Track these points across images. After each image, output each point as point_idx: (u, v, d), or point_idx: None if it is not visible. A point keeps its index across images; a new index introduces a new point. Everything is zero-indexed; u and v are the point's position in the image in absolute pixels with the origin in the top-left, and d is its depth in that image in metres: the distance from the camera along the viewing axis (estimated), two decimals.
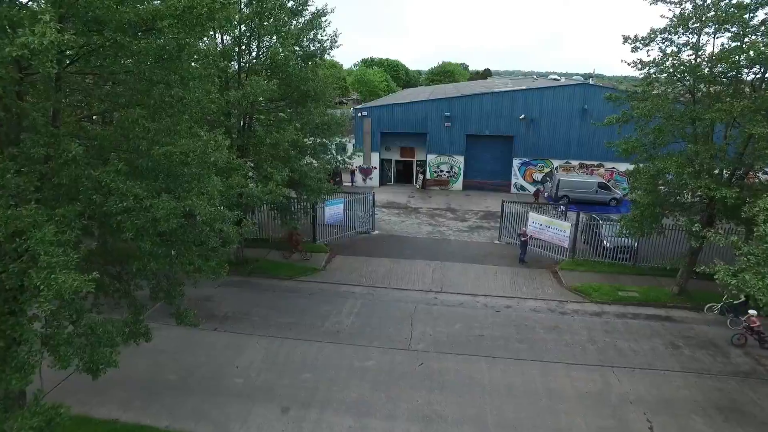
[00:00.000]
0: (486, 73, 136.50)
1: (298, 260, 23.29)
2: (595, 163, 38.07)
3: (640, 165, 20.22)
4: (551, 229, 24.70)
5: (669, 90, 19.15)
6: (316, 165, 20.67)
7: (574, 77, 73.50)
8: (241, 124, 19.04)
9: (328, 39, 19.73)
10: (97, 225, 9.21)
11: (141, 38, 8.20)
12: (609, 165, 37.98)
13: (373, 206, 28.08)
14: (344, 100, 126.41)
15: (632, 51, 19.19)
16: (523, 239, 24.08)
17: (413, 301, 20.02)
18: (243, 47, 17.98)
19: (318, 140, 21.44)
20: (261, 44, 18.00)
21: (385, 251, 25.16)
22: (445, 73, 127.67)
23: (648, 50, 19.20)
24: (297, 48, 19.16)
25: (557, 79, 60.55)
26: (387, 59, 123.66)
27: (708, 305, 19.14)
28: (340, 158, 23.28)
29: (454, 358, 16.02)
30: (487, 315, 19.10)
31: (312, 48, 19.76)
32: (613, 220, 26.89)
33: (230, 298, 19.89)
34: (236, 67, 18.94)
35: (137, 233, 8.41)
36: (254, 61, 17.87)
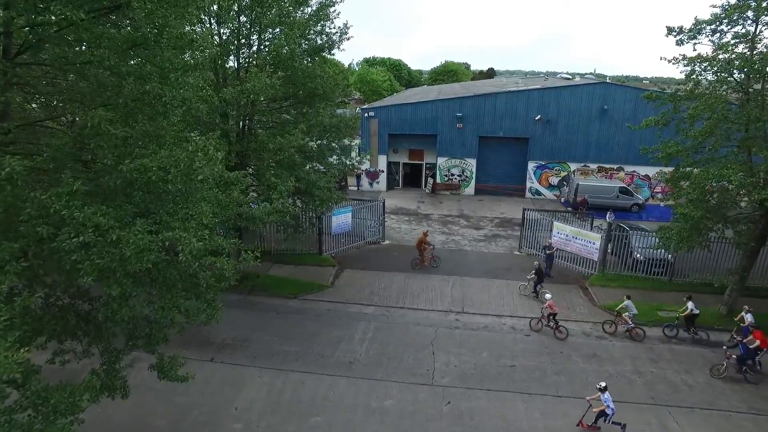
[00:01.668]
0: (490, 73, 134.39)
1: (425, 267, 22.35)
2: (615, 166, 36.01)
3: (689, 170, 18.12)
4: (579, 240, 22.66)
5: (719, 88, 17.09)
6: (323, 170, 18.64)
7: (575, 77, 71.62)
8: (241, 126, 17.03)
9: (337, 32, 17.71)
10: (46, 266, 7.09)
11: (104, 18, 6.16)
12: (629, 168, 35.95)
13: (383, 214, 26.05)
14: (346, 100, 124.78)
15: (677, 44, 17.17)
16: (548, 252, 22.03)
17: (432, 323, 17.98)
18: (243, 40, 15.96)
19: (324, 143, 19.41)
20: (263, 37, 15.98)
21: (397, 264, 23.12)
22: (447, 72, 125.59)
23: (695, 44, 17.20)
24: (303, 41, 17.20)
25: (569, 78, 58.52)
26: (389, 58, 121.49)
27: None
28: (348, 162, 21.22)
29: (485, 395, 13.99)
30: (516, 340, 17.07)
31: (319, 41, 17.74)
32: (642, 229, 24.94)
33: (228, 321, 17.72)
34: (236, 62, 16.97)
35: (101, 276, 6.39)
36: (255, 55, 15.80)
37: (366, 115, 36.60)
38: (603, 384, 12.56)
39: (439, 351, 16.16)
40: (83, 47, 6.61)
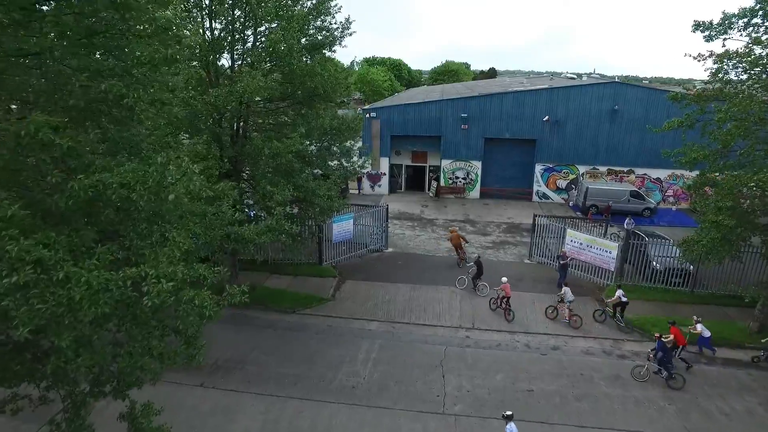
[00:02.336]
0: (491, 73, 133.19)
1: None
2: (625, 169, 34.77)
3: (716, 176, 16.87)
4: (593, 249, 21.39)
5: (752, 86, 15.85)
6: (322, 175, 17.36)
7: (582, 77, 70.41)
8: (235, 129, 15.74)
9: (338, 27, 16.44)
10: None
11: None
12: (640, 171, 34.70)
13: (387, 221, 24.77)
14: (346, 100, 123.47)
15: (706, 40, 15.91)
16: (562, 262, 20.75)
17: (441, 341, 16.71)
18: (236, 35, 14.67)
19: (325, 146, 18.15)
20: (258, 31, 14.70)
21: (402, 274, 21.85)
22: (448, 72, 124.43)
23: (725, 39, 15.96)
24: (303, 37, 15.94)
25: (573, 78, 57.30)
26: (389, 58, 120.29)
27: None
28: (349, 165, 19.85)
29: (502, 426, 12.68)
30: (533, 360, 15.80)
31: (320, 38, 16.45)
32: (659, 236, 23.69)
33: (221, 339, 16.57)
34: (230, 59, 15.68)
35: (43, 326, 5.05)
36: (250, 52, 14.47)
37: (367, 115, 35.31)
38: (509, 412, 11.52)
39: (449, 373, 14.89)
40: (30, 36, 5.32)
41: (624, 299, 17.90)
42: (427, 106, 35.18)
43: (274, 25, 14.26)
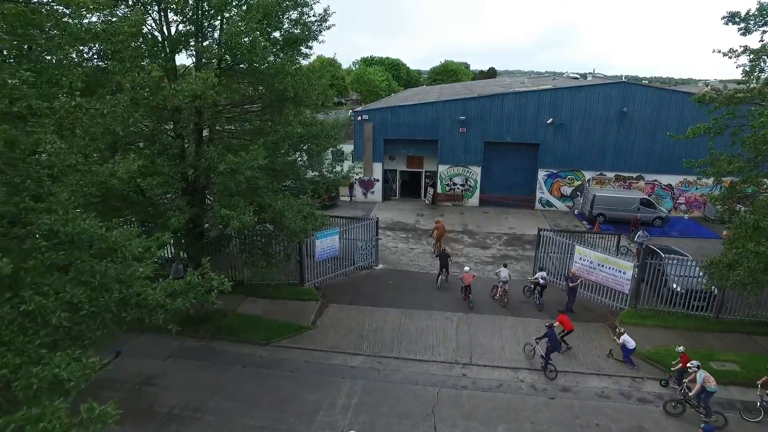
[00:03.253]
0: (491, 73, 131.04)
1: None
2: (634, 175, 32.59)
3: (752, 190, 14.71)
4: (605, 268, 19.21)
5: None
6: (300, 189, 15.19)
7: (587, 77, 68.36)
8: (193, 139, 13.56)
9: (317, 19, 14.26)
10: None
11: None
12: (650, 177, 32.53)
13: (377, 235, 22.58)
14: (343, 101, 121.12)
15: (743, 34, 13.75)
16: (571, 285, 18.56)
17: (434, 381, 14.54)
18: (190, 27, 12.48)
19: (300, 157, 16.01)
20: (213, 23, 12.52)
21: (392, 296, 19.68)
22: (447, 72, 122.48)
23: (763, 32, 13.80)
24: (274, 31, 13.80)
25: (576, 78, 55.17)
26: (387, 58, 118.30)
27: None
28: (331, 174, 17.55)
29: None
30: (539, 405, 13.63)
31: (296, 31, 14.26)
32: (677, 252, 21.52)
33: (182, 379, 14.43)
34: (193, 58, 13.51)
35: None
36: (205, 48, 12.20)
37: (359, 118, 33.16)
38: None
39: (442, 424, 12.72)
40: None
41: (542, 281, 18.66)
42: (422, 107, 33.00)
43: (233, 14, 12.02)
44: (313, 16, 14.61)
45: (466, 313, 18.39)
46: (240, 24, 11.02)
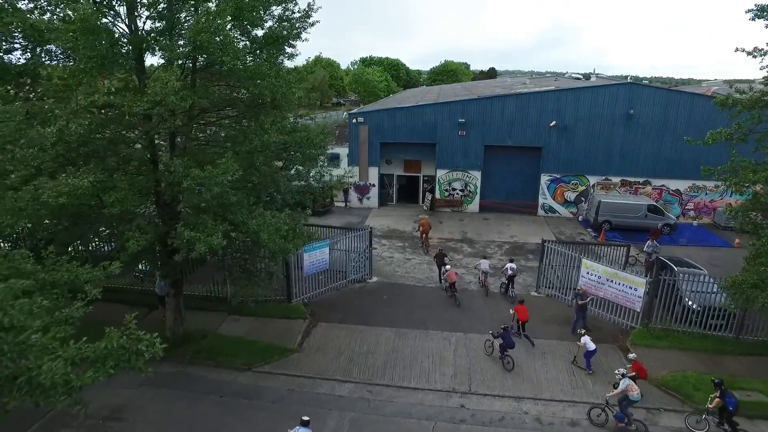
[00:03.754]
0: (491, 73, 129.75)
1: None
2: (641, 180, 31.26)
3: None
4: (615, 284, 17.87)
5: None
6: (283, 204, 13.84)
7: (591, 77, 66.92)
8: (172, 147, 12.22)
9: (299, 15, 12.92)
10: None
11: None
12: (657, 182, 31.20)
13: (371, 246, 21.25)
14: (342, 101, 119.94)
15: None
16: (580, 302, 17.22)
17: (429, 414, 13.20)
18: (159, 24, 11.16)
19: (290, 168, 14.70)
20: (185, 17, 11.18)
21: (386, 314, 18.36)
22: (447, 72, 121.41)
23: None
24: (255, 29, 12.48)
25: (579, 78, 53.83)
26: (387, 58, 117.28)
27: None
28: (319, 184, 16.09)
29: None
30: None
31: (277, 29, 12.91)
32: (690, 265, 20.17)
33: (152, 411, 13.11)
34: (166, 58, 12.17)
35: None
36: (172, 47, 10.78)
37: (354, 120, 31.85)
38: None
39: None
40: None
41: (511, 272, 19.58)
42: (420, 109, 31.68)
43: (203, 8, 10.67)
44: (297, 12, 13.29)
45: (464, 334, 17.06)
46: (205, 20, 9.67)
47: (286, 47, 13.43)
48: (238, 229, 10.76)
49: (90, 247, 12.31)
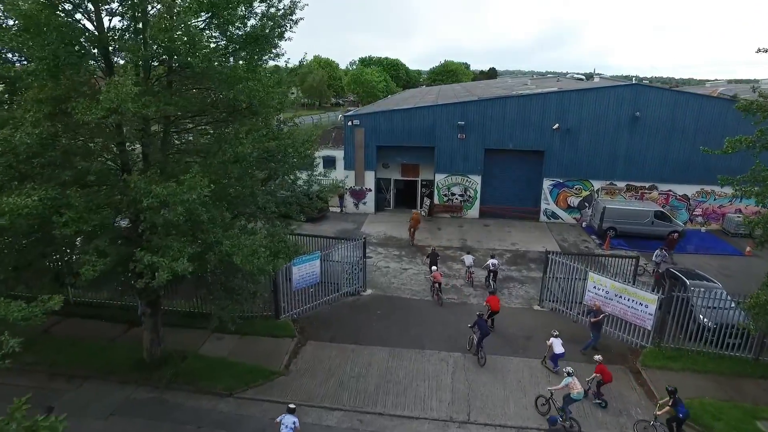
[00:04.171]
0: (492, 73, 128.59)
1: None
2: (647, 184, 30.12)
3: None
4: (624, 300, 16.76)
5: None
6: (266, 216, 12.71)
7: (594, 77, 65.78)
8: (145, 159, 11.07)
9: (281, 13, 11.78)
10: None
11: None
12: (664, 187, 30.07)
13: (365, 257, 20.13)
14: (341, 102, 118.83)
15: None
16: (594, 320, 16.09)
17: None
18: (125, 23, 10.04)
19: (277, 177, 13.57)
20: (141, 15, 10.06)
21: (379, 331, 17.25)
22: (447, 72, 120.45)
23: None
24: (236, 29, 11.38)
25: (581, 78, 52.70)
26: (386, 58, 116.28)
27: None
28: (304, 193, 14.86)
29: None
30: None
31: (261, 26, 11.78)
32: (703, 278, 19.06)
33: None
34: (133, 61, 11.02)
35: None
36: (129, 46, 9.63)
37: (349, 123, 30.72)
38: None
39: None
40: None
41: (492, 267, 20.46)
42: (418, 111, 30.54)
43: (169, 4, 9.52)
44: (282, 8, 12.16)
45: (463, 354, 15.94)
46: (168, 16, 8.53)
47: (268, 47, 12.30)
48: (211, 250, 9.65)
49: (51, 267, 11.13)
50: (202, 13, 9.73)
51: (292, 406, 11.16)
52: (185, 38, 8.81)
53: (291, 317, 17.70)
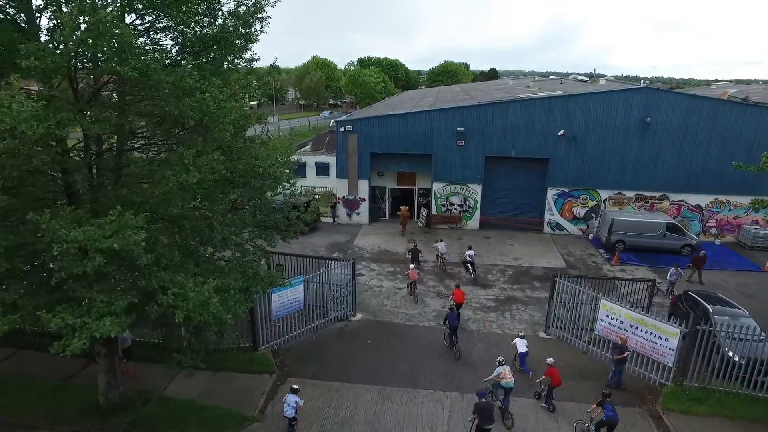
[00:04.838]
0: (492, 73, 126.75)
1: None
2: (657, 194, 28.39)
3: None
4: (641, 332, 15.02)
5: None
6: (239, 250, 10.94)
7: (598, 79, 64.09)
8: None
9: (246, 10, 10.06)
10: None
11: None
12: (675, 197, 28.34)
13: (353, 279, 18.38)
14: (339, 103, 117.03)
15: None
16: (617, 357, 14.32)
17: None
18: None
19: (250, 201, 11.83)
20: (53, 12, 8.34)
21: (368, 365, 15.50)
22: (447, 73, 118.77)
23: None
24: (202, 27, 9.69)
25: (585, 80, 50.92)
26: (385, 58, 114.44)
27: None
28: (285, 220, 13.00)
29: None
30: None
31: (223, 25, 10.06)
32: (726, 303, 17.28)
33: None
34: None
35: None
36: (41, 50, 7.82)
37: (342, 129, 28.99)
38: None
39: None
40: None
41: (469, 258, 22.02)
42: (415, 116, 28.79)
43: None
44: (249, 3, 10.43)
45: (461, 394, 14.18)
46: (79, 13, 6.74)
47: (234, 50, 10.56)
48: (153, 299, 7.92)
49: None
50: (146, 14, 7.97)
51: (295, 386, 12.24)
52: (114, 42, 7.05)
53: (271, 348, 15.97)
